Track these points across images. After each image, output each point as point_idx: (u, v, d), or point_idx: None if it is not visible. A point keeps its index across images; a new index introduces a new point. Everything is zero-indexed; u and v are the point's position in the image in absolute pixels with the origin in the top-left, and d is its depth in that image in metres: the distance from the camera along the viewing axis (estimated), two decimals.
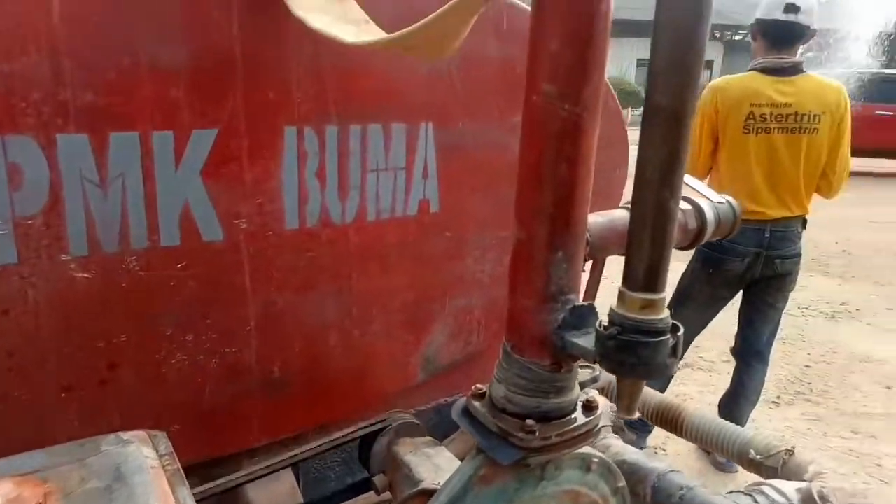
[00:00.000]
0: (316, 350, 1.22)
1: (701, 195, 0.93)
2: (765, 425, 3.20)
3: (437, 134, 1.26)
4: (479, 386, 0.88)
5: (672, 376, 2.88)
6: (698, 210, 0.97)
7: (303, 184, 1.11)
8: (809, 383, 3.75)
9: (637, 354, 0.69)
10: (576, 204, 0.78)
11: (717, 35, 30.47)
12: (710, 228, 0.99)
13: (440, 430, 1.43)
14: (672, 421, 1.67)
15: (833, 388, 3.69)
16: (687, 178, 0.87)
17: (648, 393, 1.73)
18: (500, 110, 1.31)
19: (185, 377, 1.07)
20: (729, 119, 2.38)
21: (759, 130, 2.37)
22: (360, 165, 1.17)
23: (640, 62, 28.29)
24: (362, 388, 1.31)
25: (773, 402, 3.49)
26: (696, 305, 2.67)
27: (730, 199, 1.04)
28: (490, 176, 1.35)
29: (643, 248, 0.68)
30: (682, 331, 0.71)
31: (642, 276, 0.69)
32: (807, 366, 3.98)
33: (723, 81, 2.48)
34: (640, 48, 27.93)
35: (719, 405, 2.89)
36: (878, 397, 3.60)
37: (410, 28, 0.80)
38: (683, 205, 0.96)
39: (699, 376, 3.81)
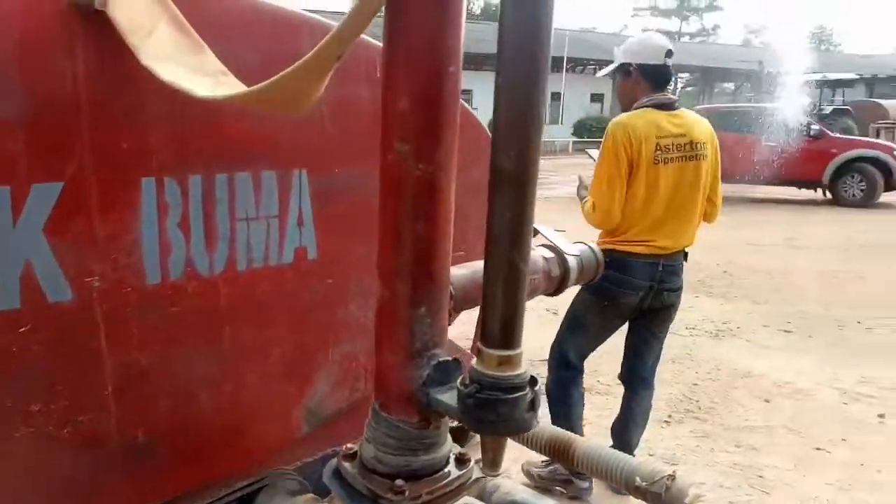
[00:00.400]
0: (186, 410, 1.15)
1: (562, 243, 0.96)
2: (657, 445, 3.32)
3: (311, 181, 1.24)
4: (349, 446, 0.86)
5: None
6: (561, 257, 1.00)
7: (164, 236, 1.05)
8: (697, 401, 3.94)
9: (496, 411, 0.69)
10: (436, 260, 0.78)
11: None
12: (574, 274, 1.02)
13: None
14: (563, 452, 1.70)
15: (718, 405, 3.90)
16: (544, 229, 0.89)
17: (540, 426, 1.75)
18: (376, 155, 1.31)
19: (32, 451, 0.98)
20: (641, 152, 2.47)
21: (667, 160, 2.50)
22: (229, 215, 1.13)
23: None
24: (240, 446, 1.25)
25: (665, 421, 3.64)
26: (588, 333, 2.75)
27: (592, 244, 1.09)
28: (370, 220, 1.33)
29: (497, 306, 0.69)
30: (539, 384, 0.72)
31: (498, 334, 0.70)
32: (695, 384, 4.19)
33: (626, 118, 2.55)
34: None
35: (611, 430, 2.98)
36: (758, 410, 3.83)
37: (266, 83, 0.78)
38: (547, 253, 0.99)
39: (597, 400, 3.91)
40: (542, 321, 5.27)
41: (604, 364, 4.16)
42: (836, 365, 4.53)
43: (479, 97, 26.85)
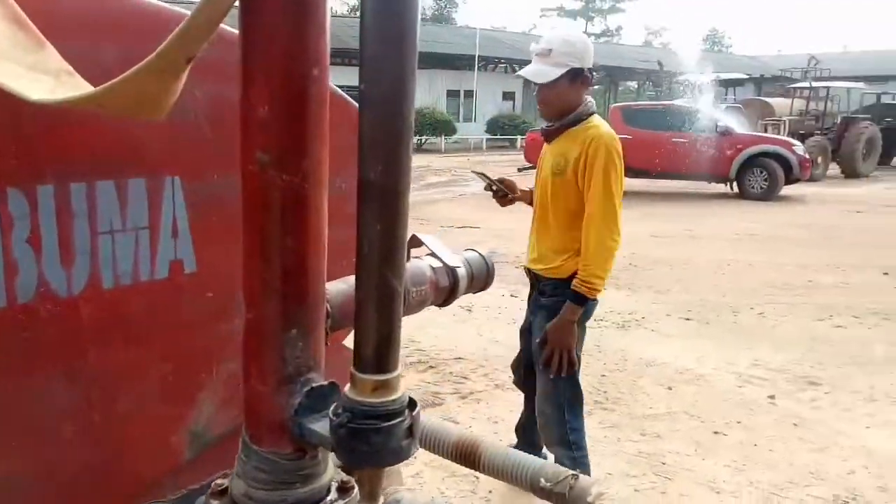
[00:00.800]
0: (45, 445, 1.03)
1: (444, 254, 0.92)
2: None
3: (186, 188, 1.14)
4: (219, 482, 0.79)
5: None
6: (449, 267, 0.97)
7: (8, 254, 0.93)
8: (605, 391, 4.06)
9: (369, 442, 0.64)
10: (308, 277, 0.72)
11: (517, 68, 32.99)
12: (464, 283, 0.99)
13: None
14: (470, 457, 1.67)
15: (625, 395, 4.03)
16: (428, 238, 0.85)
17: (446, 429, 1.72)
18: None
19: None
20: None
21: None
22: (89, 228, 1.02)
23: (449, 92, 29.76)
24: (112, 480, 1.14)
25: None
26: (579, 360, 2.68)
27: (480, 251, 1.06)
28: None
29: (370, 328, 0.64)
30: (418, 407, 0.68)
31: (372, 357, 0.65)
32: (603, 375, 4.31)
33: (609, 129, 2.44)
34: (450, 79, 29.44)
35: (516, 431, 3.01)
36: (661, 398, 3.99)
37: (106, 85, 0.70)
38: (435, 262, 0.96)
39: (511, 396, 3.93)
40: (456, 319, 5.30)
41: (469, 371, 4.22)
42: (732, 349, 4.80)
43: None
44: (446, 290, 0.96)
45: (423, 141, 25.92)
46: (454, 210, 11.19)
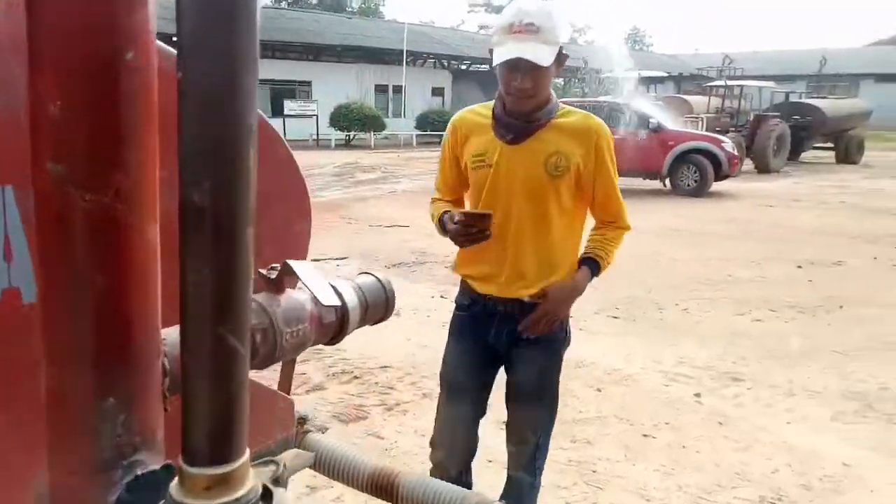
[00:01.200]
0: None
1: (320, 289, 0.75)
2: (497, 449, 3.27)
3: (21, 199, 0.93)
4: None
5: None
6: (339, 298, 0.80)
7: None
8: None
9: None
10: (130, 327, 0.54)
11: (446, 64, 33.01)
12: (356, 315, 0.83)
13: None
14: (387, 488, 1.53)
15: None
16: (301, 267, 0.69)
17: (361, 462, 1.56)
18: None
19: None
20: None
21: None
22: None
23: (377, 87, 29.45)
24: None
25: (504, 422, 3.61)
26: None
27: (378, 274, 0.90)
28: None
29: (202, 406, 0.47)
30: (276, 499, 0.51)
31: (205, 445, 0.48)
32: None
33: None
34: (378, 74, 29.12)
35: None
36: (590, 401, 3.94)
37: None
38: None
39: (393, 419, 3.73)
40: (383, 323, 5.11)
41: (395, 381, 4.07)
42: (658, 346, 4.83)
43: (320, 88, 26.18)
44: (333, 327, 0.79)
45: (351, 137, 25.49)
46: (383, 208, 10.97)
